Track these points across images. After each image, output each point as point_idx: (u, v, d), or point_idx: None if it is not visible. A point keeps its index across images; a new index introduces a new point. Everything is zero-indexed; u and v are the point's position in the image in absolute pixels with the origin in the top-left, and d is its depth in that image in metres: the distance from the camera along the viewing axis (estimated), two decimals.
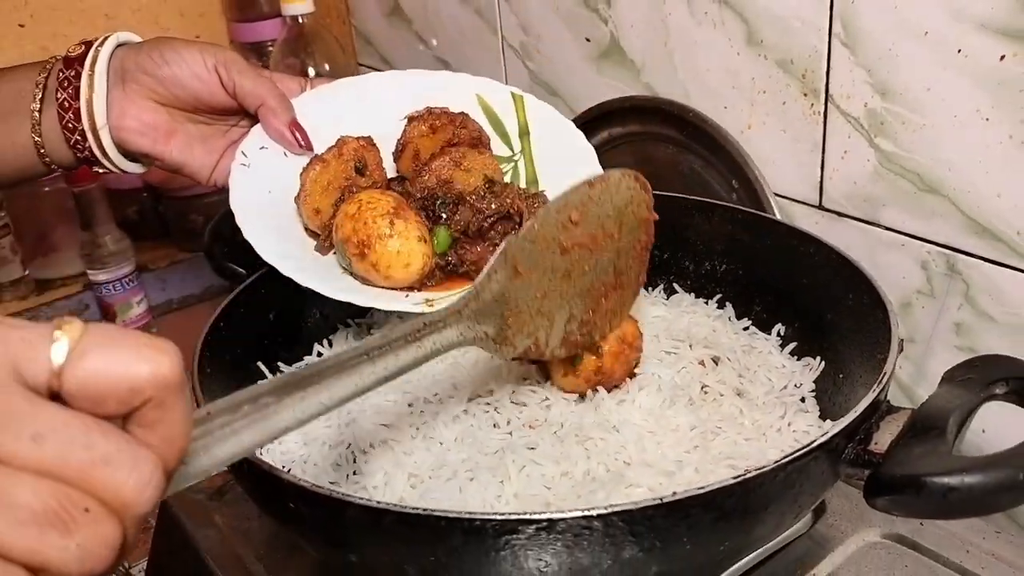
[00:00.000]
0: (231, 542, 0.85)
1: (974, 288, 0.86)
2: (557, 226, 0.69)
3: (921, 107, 0.84)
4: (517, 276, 0.67)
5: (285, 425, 0.47)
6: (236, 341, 0.84)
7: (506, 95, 0.96)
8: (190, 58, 0.83)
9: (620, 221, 0.74)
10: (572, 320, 0.73)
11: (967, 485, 0.54)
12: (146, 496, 0.36)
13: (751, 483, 0.57)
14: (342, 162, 0.84)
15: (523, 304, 0.69)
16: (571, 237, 0.70)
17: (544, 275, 0.69)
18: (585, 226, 0.71)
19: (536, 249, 0.68)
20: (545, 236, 0.69)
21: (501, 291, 0.67)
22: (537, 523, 0.55)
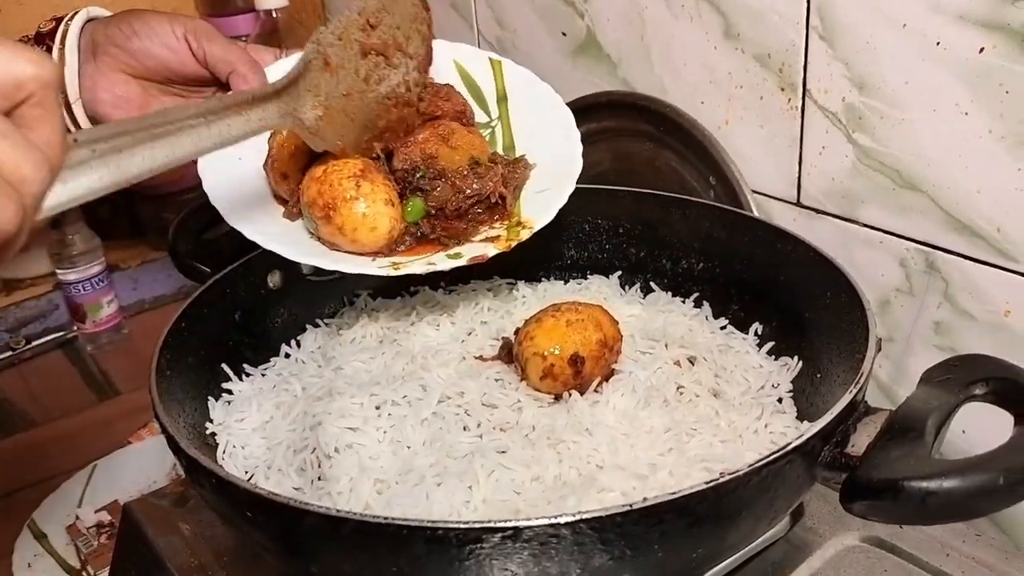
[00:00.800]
0: (195, 550, 0.83)
1: (953, 286, 0.84)
2: (358, 27, 0.77)
3: (899, 101, 0.83)
4: (327, 68, 0.74)
5: (136, 171, 0.51)
6: (198, 342, 0.81)
7: (484, 61, 0.94)
8: (159, 28, 0.84)
9: (408, 35, 0.81)
10: (368, 127, 0.79)
11: (946, 489, 0.52)
12: (41, 176, 0.40)
13: (725, 488, 0.55)
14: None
15: (332, 100, 0.75)
16: (369, 40, 0.77)
17: (348, 74, 0.76)
18: (380, 32, 0.78)
19: (343, 46, 0.75)
20: (349, 35, 0.76)
21: (315, 80, 0.73)
22: (502, 531, 0.53)
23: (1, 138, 0.38)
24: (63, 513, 1.12)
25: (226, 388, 0.83)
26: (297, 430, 0.76)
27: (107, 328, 1.48)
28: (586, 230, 1.02)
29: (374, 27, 0.78)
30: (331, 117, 0.75)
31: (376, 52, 0.78)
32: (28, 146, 0.39)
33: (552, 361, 0.75)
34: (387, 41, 0.79)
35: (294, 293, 0.94)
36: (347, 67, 0.76)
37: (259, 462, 0.75)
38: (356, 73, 0.77)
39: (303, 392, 0.81)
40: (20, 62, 0.39)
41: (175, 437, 0.64)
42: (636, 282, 0.98)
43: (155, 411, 0.69)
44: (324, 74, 0.74)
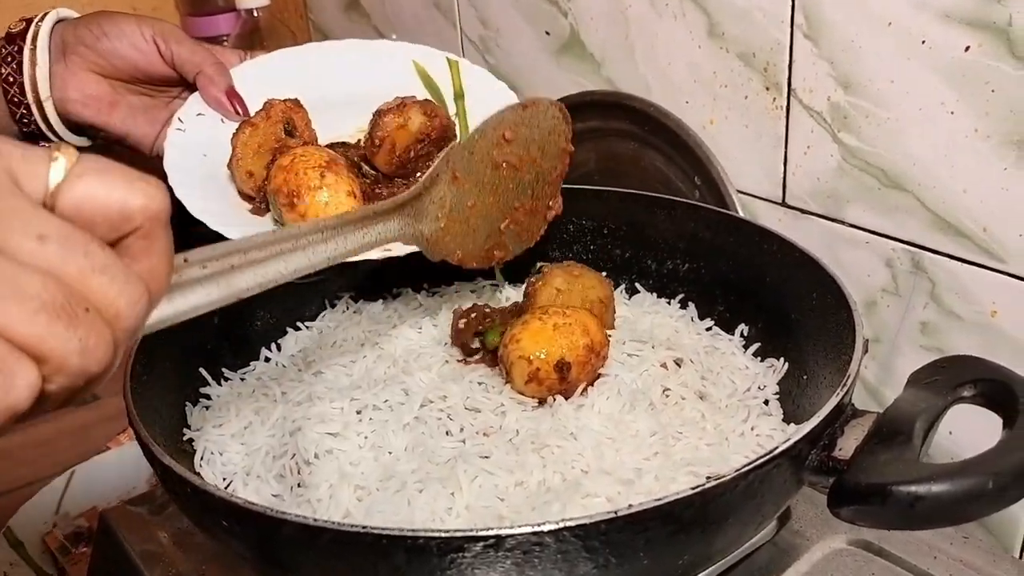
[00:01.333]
0: (173, 559, 0.81)
1: (940, 286, 0.84)
2: (492, 141, 0.76)
3: (885, 100, 0.82)
4: (455, 181, 0.74)
5: (245, 287, 0.50)
6: (175, 346, 0.80)
7: (441, 60, 0.97)
8: (128, 30, 0.85)
9: (543, 147, 0.80)
10: (491, 236, 0.79)
11: (934, 494, 0.51)
12: (137, 310, 0.38)
13: (710, 493, 0.54)
14: (271, 124, 0.84)
15: (456, 211, 0.74)
16: (503, 154, 0.77)
17: (476, 186, 0.76)
18: (516, 146, 0.77)
19: (473, 160, 0.75)
20: (482, 149, 0.75)
21: (441, 193, 0.72)
22: (484, 540, 0.52)
23: (100, 272, 0.36)
24: (40, 521, 1.10)
25: (204, 393, 0.82)
26: (276, 436, 0.74)
27: None
28: (570, 231, 1.01)
29: (509, 141, 0.77)
30: (451, 228, 0.75)
31: (508, 165, 0.78)
32: (127, 280, 0.37)
33: (537, 365, 0.74)
34: (521, 156, 0.78)
35: (274, 295, 0.90)
36: (476, 179, 0.76)
37: (237, 469, 0.74)
38: (484, 186, 0.77)
39: (283, 397, 0.79)
40: (131, 192, 0.38)
41: (149, 444, 0.63)
42: (621, 283, 0.97)
43: (129, 417, 0.67)
44: (452, 187, 0.74)
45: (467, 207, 0.76)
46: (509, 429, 0.72)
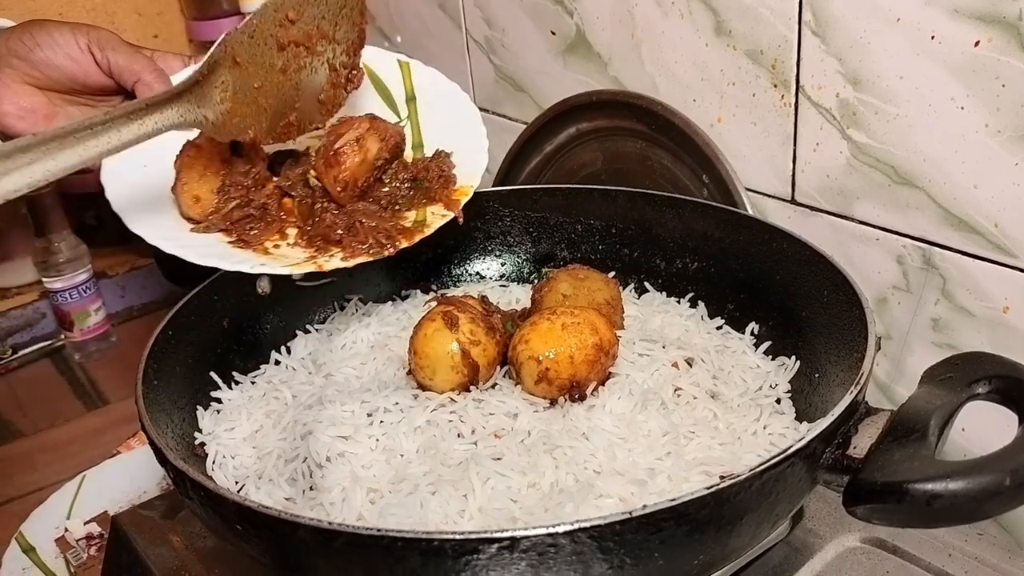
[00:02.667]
0: (185, 562, 0.81)
1: (951, 282, 0.83)
2: (275, 23, 0.76)
3: (894, 96, 0.82)
4: (236, 66, 0.74)
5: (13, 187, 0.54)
6: (186, 351, 0.80)
7: (392, 62, 0.96)
8: (62, 40, 0.83)
9: (336, 22, 0.81)
10: (287, 112, 0.80)
11: (951, 491, 0.51)
12: None
13: (725, 493, 0.54)
14: (216, 145, 0.82)
15: (241, 94, 0.75)
16: (288, 34, 0.77)
17: (261, 68, 0.76)
18: (302, 24, 0.78)
19: (255, 43, 0.75)
20: (263, 32, 0.76)
21: (222, 78, 0.73)
22: (499, 542, 0.52)
23: None
24: (52, 525, 1.10)
25: (215, 397, 0.82)
26: (288, 439, 0.74)
27: (95, 336, 1.46)
28: (578, 231, 1.01)
29: (293, 21, 0.77)
30: (238, 110, 0.76)
31: (295, 44, 0.78)
32: None
33: (547, 365, 0.74)
34: (309, 32, 0.79)
35: (284, 299, 0.92)
36: (260, 61, 0.76)
37: (249, 472, 0.74)
38: (271, 66, 0.77)
39: (293, 400, 0.79)
40: None
41: (162, 449, 0.63)
42: (630, 283, 0.97)
43: (142, 422, 0.67)
44: (233, 71, 0.74)
45: (253, 88, 0.76)
46: (521, 430, 0.72)
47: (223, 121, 0.75)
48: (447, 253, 1.02)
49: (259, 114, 0.78)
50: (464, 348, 0.76)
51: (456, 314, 0.77)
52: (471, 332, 0.77)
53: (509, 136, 1.20)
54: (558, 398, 0.75)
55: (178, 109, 0.71)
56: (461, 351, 0.76)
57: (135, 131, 0.66)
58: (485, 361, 0.77)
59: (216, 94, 0.74)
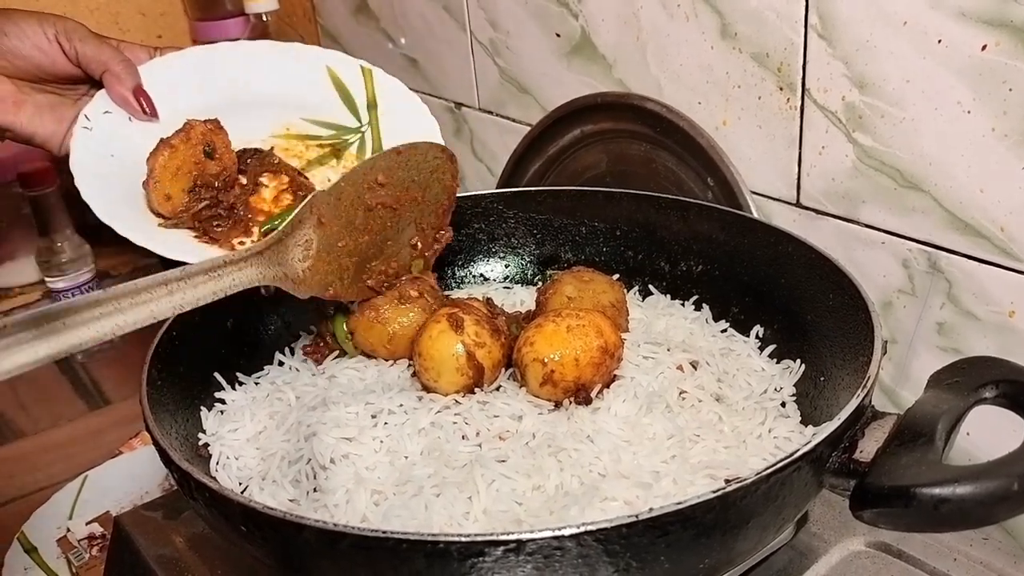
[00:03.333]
0: (188, 563, 0.81)
1: (957, 286, 0.83)
2: (363, 186, 0.78)
3: (900, 100, 0.82)
4: (321, 226, 0.76)
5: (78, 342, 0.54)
6: (190, 351, 0.80)
7: (356, 68, 0.98)
8: (29, 29, 0.83)
9: (426, 186, 0.83)
10: (371, 270, 0.82)
11: (959, 496, 0.51)
12: None
13: (731, 497, 0.54)
14: (190, 146, 0.84)
15: (324, 251, 0.76)
16: (376, 197, 0.80)
17: (346, 228, 0.78)
18: (391, 188, 0.80)
19: (341, 205, 0.77)
20: (351, 194, 0.78)
21: (306, 237, 0.75)
22: (505, 544, 0.51)
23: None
24: (53, 525, 1.10)
25: (219, 398, 0.82)
26: (292, 440, 0.74)
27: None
28: (583, 233, 1.00)
29: (383, 185, 0.79)
30: (320, 267, 0.76)
31: (383, 206, 0.80)
32: None
33: (552, 367, 0.74)
34: (399, 196, 0.81)
35: (288, 299, 0.91)
36: (345, 222, 0.78)
37: (253, 473, 0.74)
38: (354, 226, 0.78)
39: (297, 401, 0.79)
40: None
41: (167, 449, 0.63)
42: (635, 285, 0.97)
43: (146, 423, 0.67)
44: (318, 230, 0.76)
45: (337, 247, 0.78)
46: (525, 433, 0.72)
47: (303, 278, 0.75)
48: (451, 255, 1.02)
49: (341, 271, 0.79)
50: (469, 350, 0.76)
51: (461, 316, 0.77)
52: (476, 334, 0.77)
53: (513, 138, 1.20)
54: (563, 400, 0.75)
55: (258, 267, 0.69)
56: (466, 353, 0.76)
57: (211, 288, 0.64)
58: (490, 363, 0.77)
59: (298, 252, 0.74)
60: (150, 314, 0.58)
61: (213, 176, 0.84)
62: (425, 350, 0.77)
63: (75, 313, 0.54)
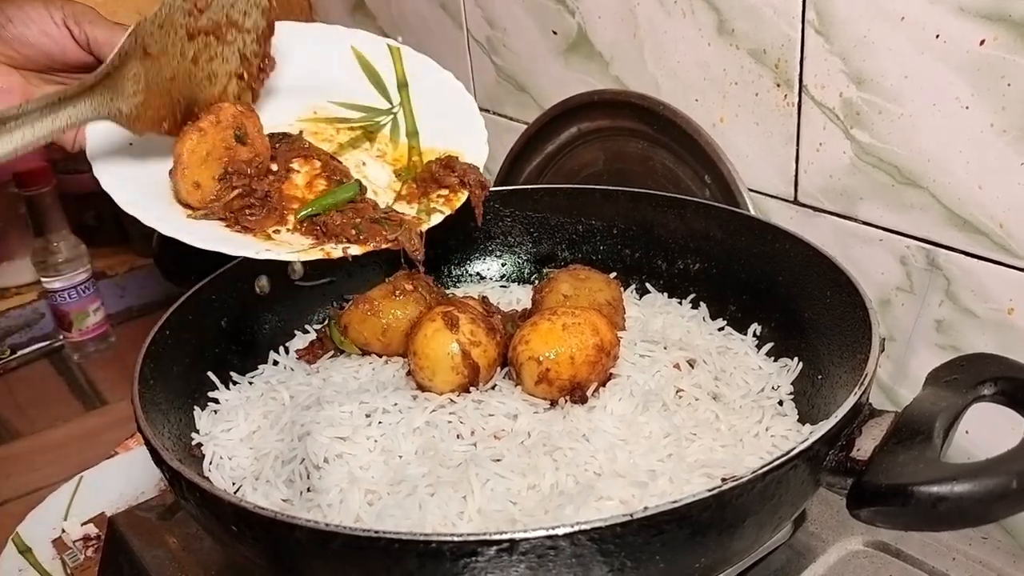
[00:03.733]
0: (182, 564, 0.81)
1: (956, 283, 0.83)
2: (183, 12, 0.75)
3: (898, 96, 0.81)
4: (147, 57, 0.74)
5: None
6: (184, 350, 0.79)
7: (383, 47, 0.94)
8: (35, 15, 0.79)
9: (244, 11, 0.79)
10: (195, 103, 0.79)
11: (957, 494, 0.50)
12: None
13: (728, 495, 0.53)
14: (220, 130, 0.79)
15: (154, 85, 0.75)
16: (197, 24, 0.77)
17: (173, 59, 0.76)
18: (210, 13, 0.77)
19: (164, 33, 0.75)
20: (172, 21, 0.75)
21: (134, 70, 0.73)
22: (498, 544, 0.51)
23: None
24: (49, 526, 1.09)
25: (212, 397, 0.81)
26: (285, 440, 0.74)
27: (93, 336, 1.45)
28: (580, 231, 1.00)
29: (202, 10, 0.77)
30: (152, 102, 0.76)
31: (205, 33, 0.78)
32: None
33: (548, 366, 0.73)
34: (218, 22, 0.78)
35: (282, 298, 0.92)
36: (171, 51, 0.76)
37: (247, 473, 0.73)
38: (182, 56, 0.77)
39: (291, 401, 0.78)
40: None
41: (158, 449, 0.62)
42: (631, 284, 0.96)
43: (138, 422, 0.66)
44: (145, 62, 0.74)
45: (166, 80, 0.76)
46: (521, 431, 0.71)
47: (137, 114, 0.75)
48: (447, 253, 1.02)
49: (173, 105, 0.78)
50: (464, 349, 0.75)
51: (456, 314, 0.77)
52: (471, 333, 0.76)
53: (510, 136, 1.19)
54: (558, 399, 0.74)
55: (91, 102, 0.71)
56: (461, 352, 0.75)
57: (48, 126, 0.67)
58: (485, 362, 0.76)
59: (128, 86, 0.74)
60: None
61: (245, 162, 0.81)
62: (420, 349, 0.76)
63: None
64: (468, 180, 0.85)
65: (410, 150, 0.90)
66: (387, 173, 0.88)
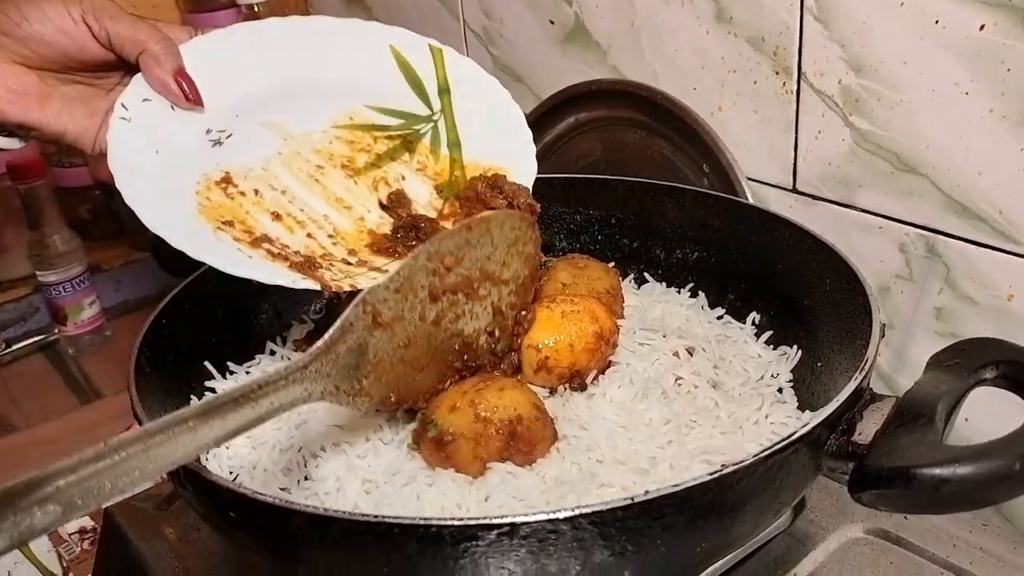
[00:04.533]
0: (180, 554, 0.80)
1: (955, 271, 0.83)
2: (427, 273, 0.65)
3: (898, 82, 0.81)
4: (378, 327, 0.63)
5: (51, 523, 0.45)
6: (180, 340, 0.79)
7: (423, 48, 0.87)
8: (53, 12, 0.74)
9: (504, 261, 0.70)
10: (442, 369, 0.69)
11: (959, 476, 0.50)
12: None
13: (729, 479, 0.53)
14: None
15: (383, 354, 0.63)
16: (443, 283, 0.66)
17: (410, 324, 0.65)
18: (460, 270, 0.67)
19: (401, 298, 0.64)
20: (412, 284, 0.64)
21: (359, 343, 0.62)
22: (499, 528, 0.50)
23: None
24: None
25: (209, 387, 0.80)
26: (283, 429, 0.73)
27: (89, 330, 1.44)
28: (577, 221, 0.99)
29: (450, 269, 0.66)
30: (380, 372, 0.64)
31: (452, 292, 0.67)
32: None
33: (547, 354, 0.73)
34: (470, 277, 0.68)
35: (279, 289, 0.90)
36: (408, 317, 0.65)
37: (244, 463, 0.73)
38: (422, 319, 0.66)
39: None
40: None
41: None
42: (630, 273, 0.96)
43: (134, 410, 0.66)
44: (374, 332, 0.63)
45: (400, 347, 0.65)
46: None
47: (358, 388, 0.62)
48: None
49: (407, 374, 0.66)
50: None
51: None
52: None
53: None
54: (558, 387, 0.74)
55: (303, 383, 0.57)
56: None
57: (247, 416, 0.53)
58: None
59: (351, 359, 0.61)
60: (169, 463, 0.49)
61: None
62: None
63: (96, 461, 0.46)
64: (518, 203, 0.77)
65: (452, 163, 0.83)
66: (428, 189, 0.81)
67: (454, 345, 0.69)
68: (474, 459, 0.65)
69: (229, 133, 0.79)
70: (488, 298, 0.70)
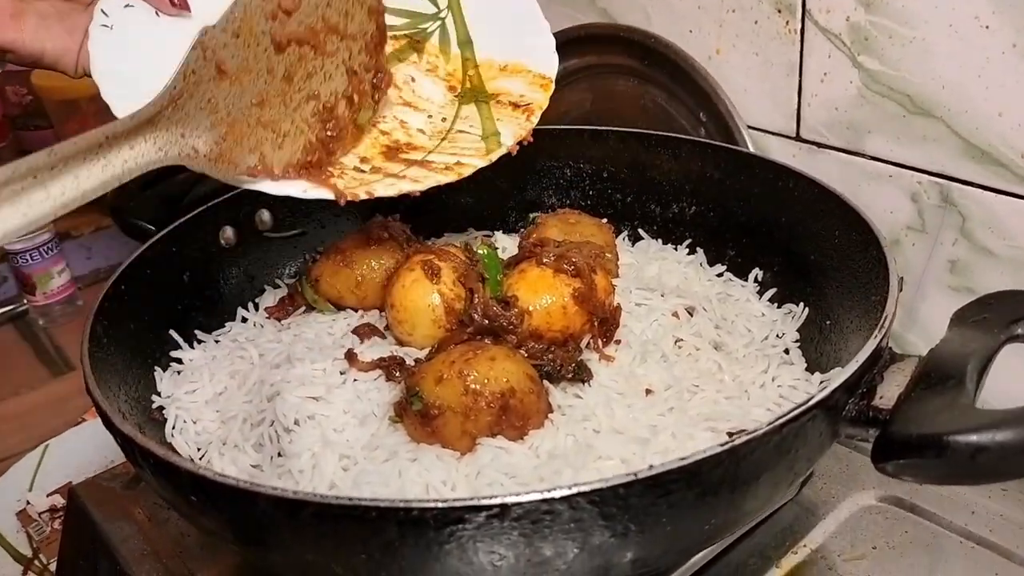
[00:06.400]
0: (148, 535, 0.76)
1: (972, 220, 0.78)
2: (264, 15, 0.60)
3: (911, 17, 0.75)
4: (223, 77, 0.58)
5: None
6: (141, 307, 0.73)
7: None
8: None
9: (345, 11, 0.65)
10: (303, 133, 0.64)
11: (999, 443, 0.45)
12: None
13: (741, 450, 0.48)
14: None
15: (237, 112, 0.60)
16: (285, 30, 0.61)
17: (259, 77, 0.61)
18: (301, 16, 0.62)
19: (242, 44, 0.59)
20: (251, 28, 0.60)
21: (206, 93, 0.57)
22: (488, 509, 0.45)
23: None
24: (13, 498, 1.05)
25: (175, 357, 0.75)
26: (254, 401, 0.68)
27: (59, 300, 1.39)
28: (567, 175, 0.94)
29: (289, 13, 0.61)
30: (239, 134, 0.60)
31: (298, 43, 0.63)
32: None
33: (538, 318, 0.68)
34: (313, 27, 0.63)
35: (250, 251, 0.86)
36: (255, 68, 0.61)
37: (213, 438, 0.68)
38: (270, 73, 0.62)
39: (260, 359, 0.73)
40: None
41: (108, 413, 0.56)
42: (623, 230, 0.91)
43: (87, 383, 0.61)
44: (221, 84, 0.59)
45: (252, 106, 0.61)
46: None
47: (219, 152, 0.59)
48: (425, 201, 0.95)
49: (268, 138, 0.62)
50: (448, 301, 0.70)
51: (437, 264, 0.71)
52: (454, 283, 0.70)
53: None
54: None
55: (153, 140, 0.54)
56: (443, 304, 0.70)
57: (98, 176, 0.50)
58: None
59: (203, 117, 0.58)
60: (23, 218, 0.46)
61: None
62: (398, 301, 0.70)
63: None
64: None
65: (464, 63, 0.79)
66: (440, 90, 0.77)
67: (313, 109, 0.65)
68: (462, 435, 0.60)
69: None
70: (338, 55, 0.66)
